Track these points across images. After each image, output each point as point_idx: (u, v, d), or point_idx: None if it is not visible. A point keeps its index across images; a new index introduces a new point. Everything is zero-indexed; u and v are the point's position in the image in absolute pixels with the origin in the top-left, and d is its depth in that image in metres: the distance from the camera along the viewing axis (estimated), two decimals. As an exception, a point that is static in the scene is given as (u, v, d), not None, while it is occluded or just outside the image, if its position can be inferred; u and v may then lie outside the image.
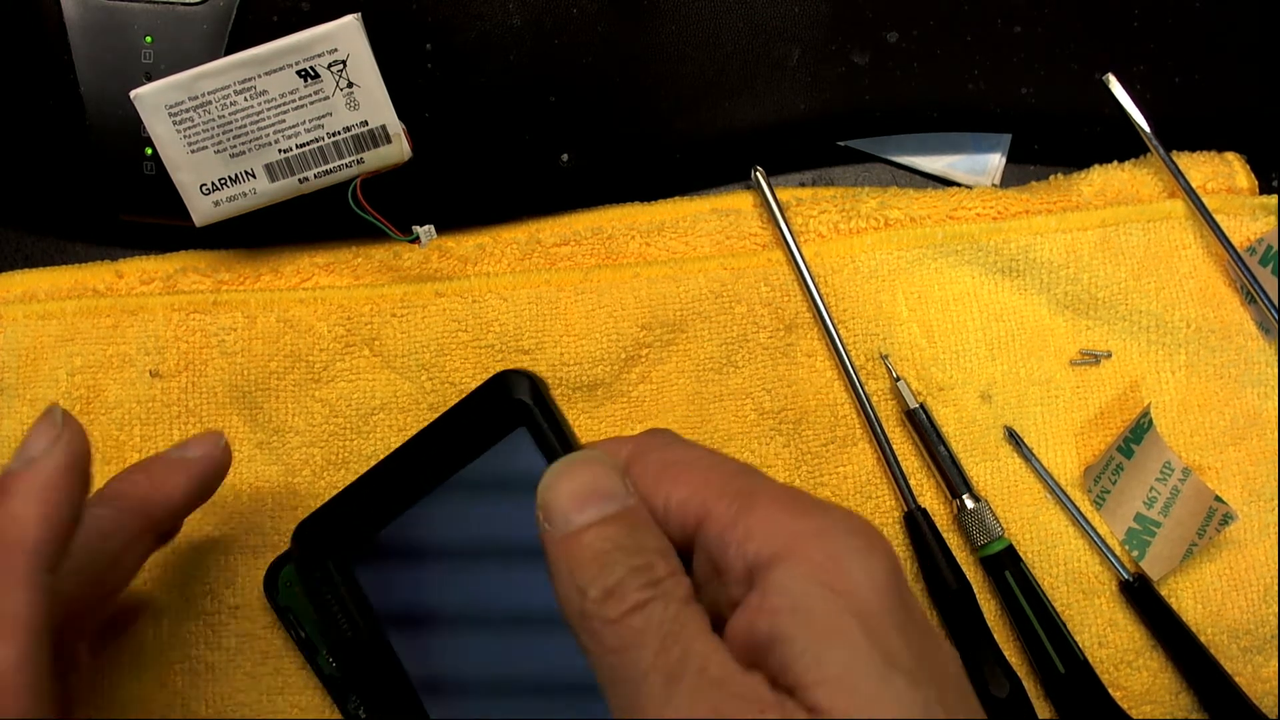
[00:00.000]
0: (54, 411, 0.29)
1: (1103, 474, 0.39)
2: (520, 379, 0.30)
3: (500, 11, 0.39)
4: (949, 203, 0.41)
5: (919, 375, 0.40)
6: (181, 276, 0.40)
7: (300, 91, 0.36)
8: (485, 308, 0.39)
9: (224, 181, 0.37)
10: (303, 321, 0.39)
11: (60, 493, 0.28)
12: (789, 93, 0.41)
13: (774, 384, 0.40)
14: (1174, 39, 0.41)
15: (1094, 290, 0.40)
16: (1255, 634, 0.39)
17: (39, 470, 0.28)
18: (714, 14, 0.40)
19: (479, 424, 0.31)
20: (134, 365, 0.39)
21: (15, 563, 0.26)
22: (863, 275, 0.40)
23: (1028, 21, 0.41)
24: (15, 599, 0.26)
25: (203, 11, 0.37)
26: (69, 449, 0.28)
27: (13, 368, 0.39)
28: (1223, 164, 0.42)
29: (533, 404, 0.30)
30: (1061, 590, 0.39)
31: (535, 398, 0.30)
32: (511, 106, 0.40)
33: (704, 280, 0.40)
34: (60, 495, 0.28)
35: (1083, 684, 0.37)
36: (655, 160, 0.42)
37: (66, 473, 0.28)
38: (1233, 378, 0.40)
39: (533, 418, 0.30)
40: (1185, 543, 0.38)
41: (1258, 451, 0.40)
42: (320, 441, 0.39)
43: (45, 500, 0.27)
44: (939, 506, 0.39)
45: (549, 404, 0.30)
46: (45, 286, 0.40)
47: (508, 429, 0.30)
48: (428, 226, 0.40)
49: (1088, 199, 0.41)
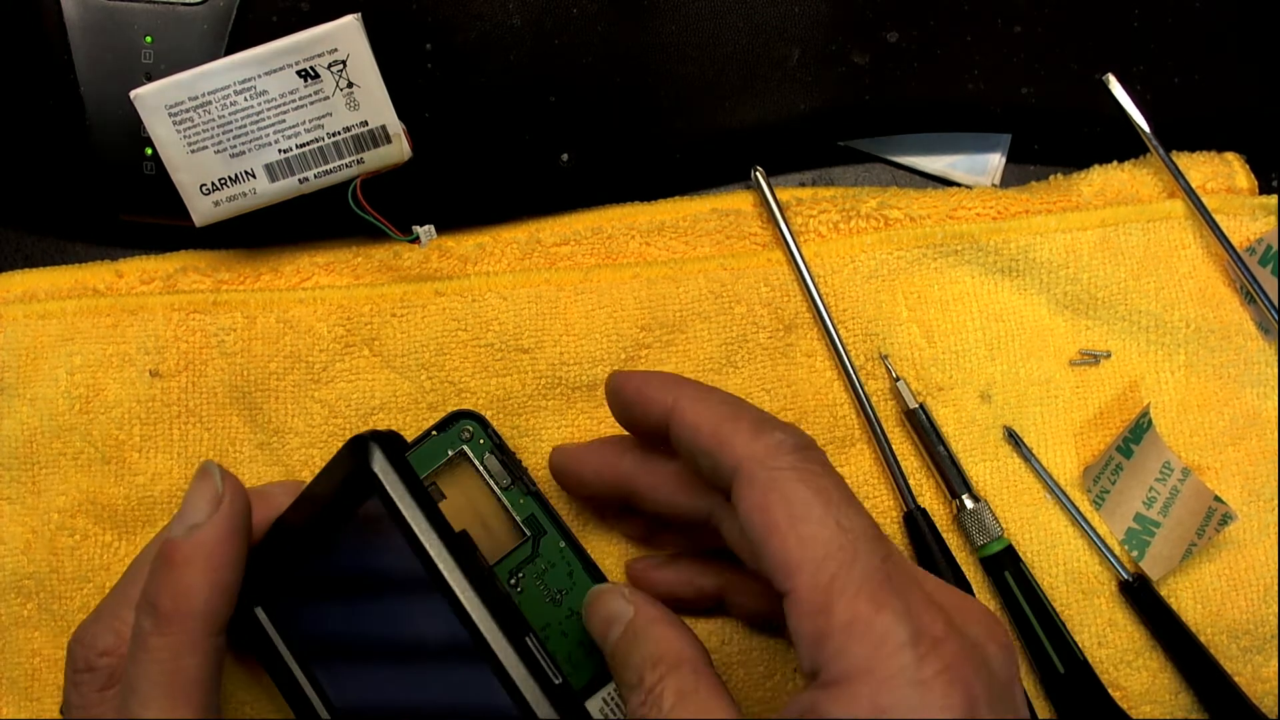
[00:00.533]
0: (211, 471, 0.30)
1: (1102, 474, 0.39)
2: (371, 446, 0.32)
3: (500, 11, 0.39)
4: (949, 203, 0.41)
5: (918, 375, 0.40)
6: (181, 276, 0.40)
7: (300, 91, 0.36)
8: (485, 307, 0.39)
9: (224, 181, 0.37)
10: (302, 322, 0.39)
11: (226, 559, 0.29)
12: (789, 93, 0.41)
13: (773, 384, 0.40)
14: (1174, 39, 0.41)
15: (1094, 290, 0.40)
16: (1255, 634, 0.39)
17: (205, 539, 0.29)
18: (714, 14, 0.40)
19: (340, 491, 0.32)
20: (134, 365, 0.39)
21: (191, 631, 0.29)
22: (862, 275, 0.40)
23: (1028, 21, 0.41)
24: (191, 664, 0.28)
25: (203, 11, 0.37)
26: (231, 514, 0.30)
27: (13, 367, 0.39)
28: (1223, 164, 0.42)
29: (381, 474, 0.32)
30: (1061, 590, 0.39)
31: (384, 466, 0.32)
32: (511, 106, 0.40)
33: (704, 280, 0.40)
34: (226, 561, 0.29)
35: (1082, 684, 0.37)
36: (655, 160, 0.42)
37: (231, 538, 0.30)
38: (1232, 378, 0.40)
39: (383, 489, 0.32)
40: (1185, 543, 0.38)
41: (1257, 451, 0.40)
42: (320, 442, 0.39)
43: (213, 568, 0.29)
44: (939, 507, 0.39)
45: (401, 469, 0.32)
46: (45, 286, 0.40)
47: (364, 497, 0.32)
48: (428, 226, 0.40)
49: (1088, 199, 0.41)
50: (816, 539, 0.26)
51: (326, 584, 0.32)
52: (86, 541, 0.38)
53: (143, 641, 0.29)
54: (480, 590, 0.31)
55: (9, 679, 0.38)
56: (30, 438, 0.39)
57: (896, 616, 0.25)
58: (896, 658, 0.25)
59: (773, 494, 0.27)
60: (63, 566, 0.38)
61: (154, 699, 0.28)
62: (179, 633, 0.28)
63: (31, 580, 0.38)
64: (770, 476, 0.27)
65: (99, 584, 0.38)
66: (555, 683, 0.30)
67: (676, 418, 0.30)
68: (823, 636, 0.25)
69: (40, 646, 0.38)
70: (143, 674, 0.28)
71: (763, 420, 0.29)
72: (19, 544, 0.38)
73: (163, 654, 0.28)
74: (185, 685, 0.28)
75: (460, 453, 0.37)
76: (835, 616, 0.25)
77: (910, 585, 0.26)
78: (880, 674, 0.25)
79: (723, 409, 0.29)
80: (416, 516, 0.31)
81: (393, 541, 0.31)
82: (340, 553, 0.32)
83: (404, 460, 0.32)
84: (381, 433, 0.33)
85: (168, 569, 0.29)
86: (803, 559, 0.26)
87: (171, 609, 0.29)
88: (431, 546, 0.31)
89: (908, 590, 0.26)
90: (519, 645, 0.30)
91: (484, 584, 0.31)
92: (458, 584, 0.31)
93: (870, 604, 0.25)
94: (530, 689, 0.30)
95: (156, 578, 0.29)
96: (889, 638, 0.25)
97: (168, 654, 0.28)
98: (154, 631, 0.29)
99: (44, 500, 0.38)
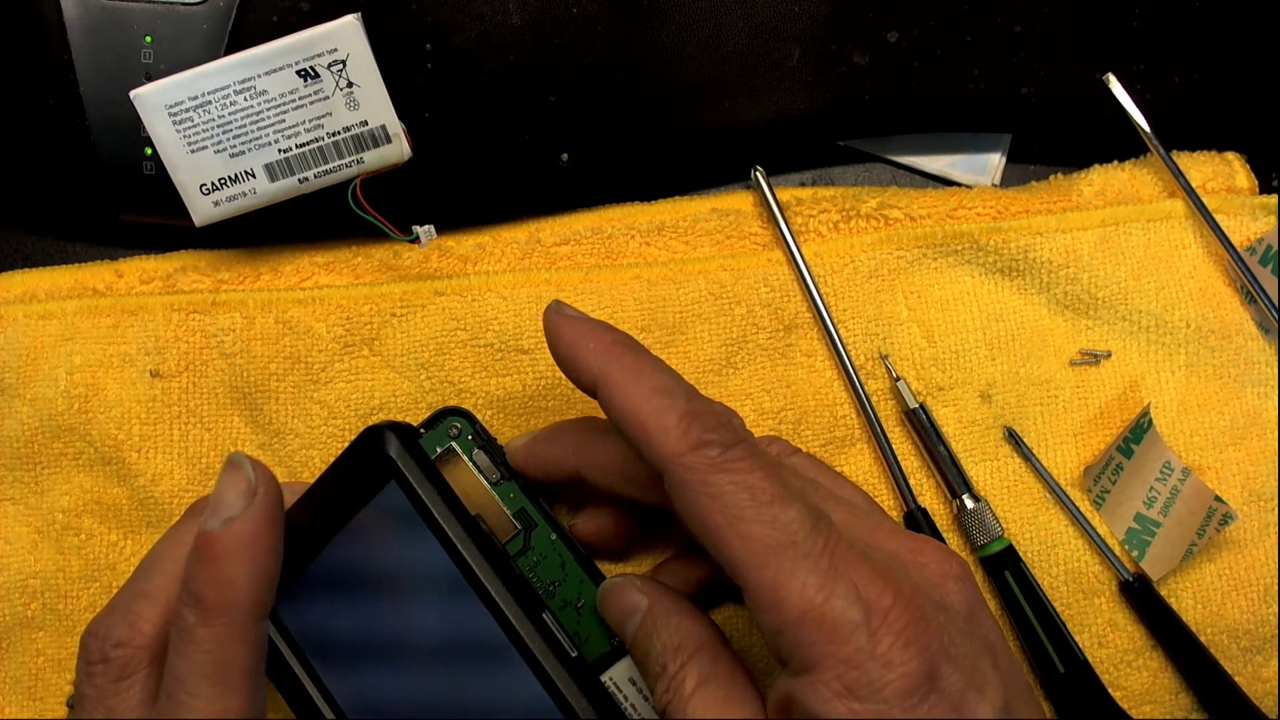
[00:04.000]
0: (241, 463, 0.30)
1: (1102, 474, 0.39)
2: (388, 434, 0.33)
3: (500, 11, 0.39)
4: (949, 203, 0.41)
5: (919, 375, 0.40)
6: (181, 276, 0.40)
7: (300, 91, 0.36)
8: (485, 306, 0.39)
9: (224, 181, 0.37)
10: (301, 323, 0.39)
11: (265, 548, 0.29)
12: (789, 93, 0.41)
13: (774, 384, 0.40)
14: (1174, 39, 0.41)
15: (1094, 290, 0.40)
16: (1255, 634, 0.39)
17: (241, 531, 0.29)
18: (714, 14, 0.40)
19: (354, 481, 0.33)
20: (134, 365, 0.39)
21: (237, 621, 0.29)
22: (863, 275, 0.40)
23: (1028, 21, 0.41)
24: (238, 653, 0.29)
25: (203, 11, 0.37)
26: (267, 503, 0.30)
27: (13, 367, 0.39)
28: (1223, 164, 0.42)
29: (398, 459, 0.32)
30: (1061, 590, 0.39)
31: (400, 451, 0.32)
32: (511, 106, 0.40)
33: (704, 281, 0.40)
34: (265, 550, 0.29)
35: (1082, 684, 0.37)
36: (655, 160, 0.42)
37: (270, 528, 0.30)
38: (1233, 378, 0.40)
39: (401, 473, 0.32)
40: (1185, 543, 0.38)
41: (1258, 451, 0.40)
42: (320, 443, 0.39)
43: (253, 559, 0.29)
44: (939, 507, 0.39)
45: (418, 455, 0.33)
46: (45, 286, 0.40)
47: (381, 483, 0.32)
48: (428, 226, 0.40)
49: (1088, 199, 0.41)
50: (754, 537, 0.27)
51: (335, 578, 0.33)
52: (92, 541, 0.38)
53: (189, 634, 0.29)
54: (499, 569, 0.32)
55: (13, 679, 0.38)
56: (31, 438, 0.39)
57: (846, 601, 0.26)
58: (852, 640, 0.26)
59: (704, 497, 0.28)
60: (69, 566, 0.38)
61: (203, 690, 0.28)
62: (226, 623, 0.28)
63: (38, 579, 0.38)
64: (700, 479, 0.28)
65: (105, 583, 0.38)
66: (572, 656, 0.32)
67: (604, 397, 0.30)
68: (780, 630, 0.27)
69: (44, 647, 0.38)
70: (190, 666, 0.28)
71: (690, 414, 0.28)
72: (25, 543, 0.38)
73: (209, 644, 0.28)
74: (234, 675, 0.28)
75: (449, 449, 0.38)
76: (788, 610, 0.26)
77: (856, 562, 0.27)
78: (840, 657, 0.26)
79: (651, 399, 0.29)
80: (435, 500, 0.32)
81: (410, 528, 0.32)
82: (352, 544, 0.32)
83: (419, 446, 0.33)
84: (395, 423, 0.33)
85: (209, 561, 0.29)
86: (746, 557, 0.27)
87: (216, 600, 0.28)
88: (451, 529, 0.32)
89: (853, 568, 0.27)
90: (538, 621, 0.31)
91: (502, 563, 0.32)
92: (477, 564, 0.32)
93: (819, 592, 0.26)
94: (551, 664, 0.31)
95: (199, 571, 0.29)
96: (841, 623, 0.26)
97: (214, 644, 0.28)
98: (200, 623, 0.29)
99: (47, 500, 0.38)
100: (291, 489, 0.34)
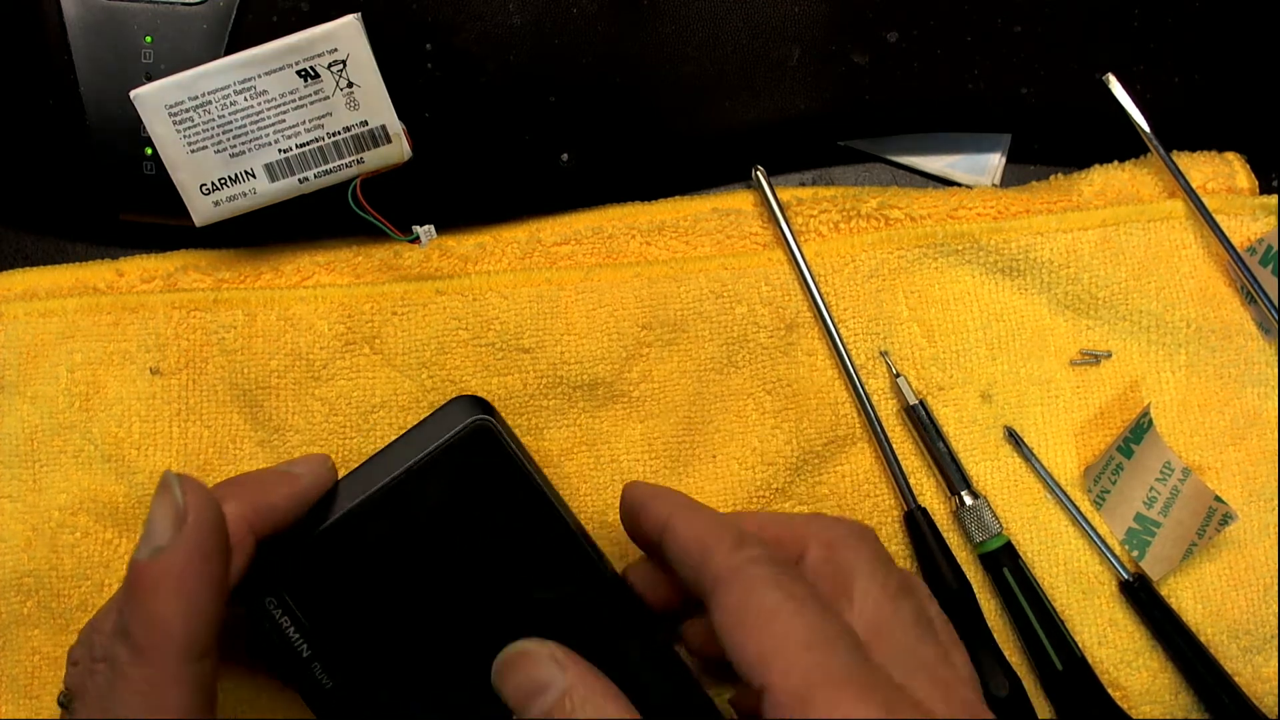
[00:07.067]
0: (170, 484, 0.27)
1: (1103, 474, 0.39)
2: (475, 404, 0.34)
3: (500, 11, 0.39)
4: (949, 203, 0.41)
5: (919, 375, 0.40)
6: (182, 275, 0.40)
7: (300, 91, 0.36)
8: (486, 306, 0.39)
9: (224, 181, 0.37)
10: (303, 320, 0.39)
11: (198, 580, 0.26)
12: (789, 93, 0.41)
13: (774, 383, 0.40)
14: (1174, 39, 0.41)
15: (1094, 290, 0.40)
16: (1255, 634, 0.39)
17: (170, 563, 0.26)
18: (714, 14, 0.40)
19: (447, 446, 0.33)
20: (134, 362, 0.39)
21: (168, 663, 0.26)
22: (863, 275, 0.40)
23: (1028, 21, 0.41)
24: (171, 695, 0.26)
25: (203, 11, 0.37)
26: (197, 533, 0.27)
27: (14, 365, 0.39)
28: (1223, 164, 0.42)
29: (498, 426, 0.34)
30: (1061, 590, 0.39)
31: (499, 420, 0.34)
32: (511, 106, 0.40)
33: (704, 280, 0.40)
34: (199, 583, 0.26)
35: (1080, 681, 0.37)
36: (655, 160, 0.42)
37: (201, 559, 0.26)
38: (1233, 378, 0.40)
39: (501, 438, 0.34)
40: (1185, 542, 0.38)
41: (1258, 451, 0.40)
42: (320, 440, 0.39)
43: (184, 594, 0.26)
44: (939, 507, 0.39)
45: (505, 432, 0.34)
46: (46, 285, 0.40)
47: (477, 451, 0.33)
48: (428, 226, 0.40)
49: (1088, 199, 0.41)
50: (791, 634, 0.27)
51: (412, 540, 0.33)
52: (87, 539, 0.38)
53: (120, 670, 0.26)
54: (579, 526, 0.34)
55: (9, 677, 0.38)
56: (31, 435, 0.39)
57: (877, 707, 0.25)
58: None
59: (750, 594, 0.28)
60: (62, 564, 0.38)
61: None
62: (159, 664, 0.26)
63: (32, 578, 0.38)
64: (747, 582, 0.28)
65: (98, 581, 0.38)
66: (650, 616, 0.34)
67: (669, 532, 0.30)
68: None
69: (40, 645, 0.38)
70: (122, 704, 0.26)
71: (744, 535, 0.29)
72: (20, 541, 0.38)
73: (141, 685, 0.26)
74: (169, 717, 0.26)
75: None
76: (816, 707, 0.25)
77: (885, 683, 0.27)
78: None
79: (710, 525, 0.30)
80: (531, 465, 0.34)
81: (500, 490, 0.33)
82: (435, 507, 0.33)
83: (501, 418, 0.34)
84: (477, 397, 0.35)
85: (136, 596, 0.26)
86: (778, 651, 0.26)
87: (145, 640, 0.26)
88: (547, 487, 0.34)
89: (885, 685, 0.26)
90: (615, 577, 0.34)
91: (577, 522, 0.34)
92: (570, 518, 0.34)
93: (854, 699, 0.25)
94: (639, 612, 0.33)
95: (126, 604, 0.26)
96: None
97: (146, 686, 0.26)
98: (131, 661, 0.26)
99: (45, 498, 0.38)
100: (312, 464, 0.33)
